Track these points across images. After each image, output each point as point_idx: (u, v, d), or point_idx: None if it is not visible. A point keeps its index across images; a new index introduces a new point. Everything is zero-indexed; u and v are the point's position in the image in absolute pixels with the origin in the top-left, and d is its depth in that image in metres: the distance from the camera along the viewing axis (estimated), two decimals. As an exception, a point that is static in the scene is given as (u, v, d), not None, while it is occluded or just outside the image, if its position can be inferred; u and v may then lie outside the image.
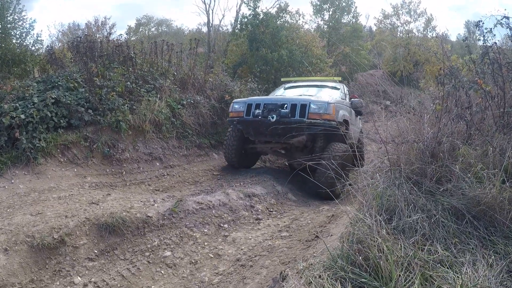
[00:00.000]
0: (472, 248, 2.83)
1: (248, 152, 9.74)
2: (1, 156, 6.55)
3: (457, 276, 2.46)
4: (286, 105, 8.15)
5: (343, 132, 7.71)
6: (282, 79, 12.88)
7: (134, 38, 36.56)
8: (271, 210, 6.32)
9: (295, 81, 12.31)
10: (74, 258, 4.37)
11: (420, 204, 3.14)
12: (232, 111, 8.99)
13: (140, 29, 46.10)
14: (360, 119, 12.55)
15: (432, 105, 4.25)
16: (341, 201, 5.55)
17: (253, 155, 10.13)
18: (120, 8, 76.18)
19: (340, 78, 11.86)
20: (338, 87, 10.78)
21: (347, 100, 10.11)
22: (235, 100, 9.58)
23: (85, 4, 65.80)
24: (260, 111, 8.30)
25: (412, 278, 2.44)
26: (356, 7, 40.38)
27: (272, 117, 7.94)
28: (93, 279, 4.18)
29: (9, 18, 12.98)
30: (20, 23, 13.28)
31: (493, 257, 2.74)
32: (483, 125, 3.86)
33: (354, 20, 40.36)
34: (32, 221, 4.65)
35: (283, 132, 7.83)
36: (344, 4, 39.70)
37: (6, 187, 6.04)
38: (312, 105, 7.87)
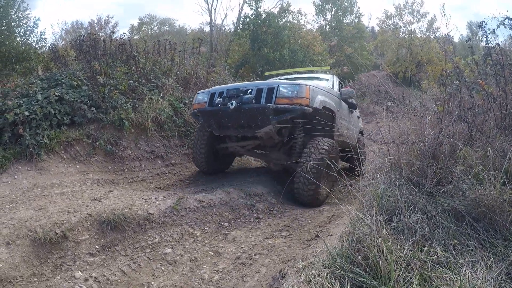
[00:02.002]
0: (472, 249, 2.84)
1: (220, 154, 8.70)
2: (5, 152, 6.58)
3: (456, 278, 2.48)
4: (250, 90, 6.96)
5: (324, 122, 6.96)
6: (265, 73, 11.97)
7: (136, 37, 36.71)
8: (271, 209, 6.33)
9: (280, 74, 11.45)
10: (75, 253, 4.38)
11: (420, 205, 3.15)
12: (196, 103, 7.89)
13: (143, 28, 46.33)
14: (359, 117, 11.68)
15: (433, 106, 4.25)
16: (341, 202, 5.55)
17: (225, 157, 9.06)
18: (122, 7, 76.46)
19: (328, 68, 11.38)
20: (327, 78, 9.86)
21: (336, 89, 9.06)
22: (200, 91, 8.39)
23: (88, 3, 66.04)
24: (221, 99, 7.12)
25: (411, 278, 2.45)
26: (358, 8, 40.36)
27: (232, 104, 6.75)
28: (94, 274, 4.19)
29: (13, 16, 13.10)
30: (24, 21, 13.44)
31: (492, 259, 2.75)
32: (484, 127, 3.86)
33: (356, 20, 40.33)
34: (35, 216, 4.67)
35: (247, 123, 6.92)
36: (346, 4, 39.61)
37: (9, 182, 6.08)
38: (281, 88, 6.73)
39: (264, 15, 23.57)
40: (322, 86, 7.93)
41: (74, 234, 4.53)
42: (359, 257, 2.61)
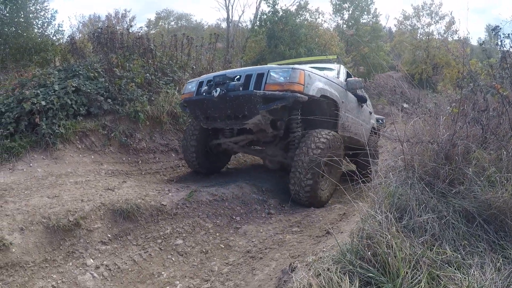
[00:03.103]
0: (481, 251, 2.84)
1: (213, 152, 8.00)
2: (21, 140, 6.69)
3: (464, 278, 2.48)
4: (239, 76, 6.20)
5: (325, 114, 6.63)
6: (268, 64, 10.02)
7: (153, 31, 36.85)
8: (283, 205, 6.33)
9: (285, 64, 9.76)
10: (87, 241, 4.46)
11: (432, 204, 3.15)
12: (184, 93, 7.22)
13: (160, 23, 46.44)
14: (371, 113, 10.73)
15: (448, 107, 4.25)
16: (353, 199, 5.54)
17: (219, 155, 8.24)
18: (140, 1, 76.71)
19: (335, 57, 9.83)
20: (333, 67, 8.68)
21: (342, 79, 8.01)
22: (190, 80, 7.81)
23: (106, -4, 66.45)
24: (207, 87, 6.43)
25: (419, 276, 2.46)
26: (376, 8, 40.10)
27: (216, 91, 6.03)
28: (105, 262, 4.26)
29: (31, 8, 13.20)
30: (42, 13, 13.57)
31: (501, 261, 2.74)
32: (499, 130, 3.85)
33: (373, 20, 40.05)
34: (49, 203, 4.75)
35: (233, 113, 6.19)
36: (363, 3, 39.34)
37: (25, 170, 6.17)
38: (271, 73, 5.90)
39: (281, 13, 23.56)
40: (323, 73, 6.91)
41: (87, 222, 4.61)
42: (369, 253, 2.63)
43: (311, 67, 7.82)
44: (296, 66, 6.19)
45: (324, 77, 6.79)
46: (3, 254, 3.86)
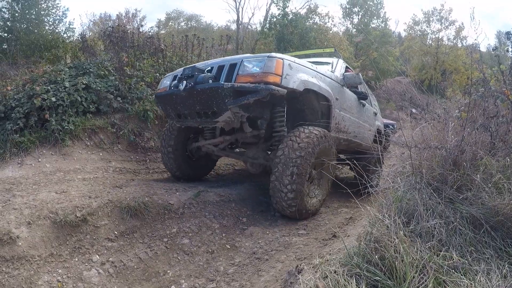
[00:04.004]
0: (488, 257, 2.82)
1: (194, 156, 7.32)
2: (30, 135, 6.75)
3: (471, 284, 2.48)
4: (210, 68, 5.60)
5: (314, 112, 6.11)
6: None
7: (163, 31, 36.99)
8: (290, 208, 6.25)
9: None
10: (94, 237, 4.50)
11: (439, 210, 3.15)
12: (159, 88, 6.56)
13: (170, 23, 46.56)
14: (376, 114, 9.84)
15: (457, 112, 4.24)
16: (360, 204, 5.50)
17: (202, 160, 7.48)
18: (150, 1, 77.03)
19: (332, 50, 8.80)
20: (328, 60, 7.93)
21: (338, 74, 7.16)
22: (168, 74, 6.99)
23: (117, -4, 66.80)
24: (176, 80, 5.84)
25: (425, 281, 2.46)
26: (385, 12, 39.94)
27: (182, 84, 5.43)
28: (111, 259, 4.30)
29: (42, 5, 13.26)
30: (53, 11, 13.62)
31: (507, 268, 2.73)
32: (507, 137, 3.84)
33: (383, 24, 39.91)
34: (57, 198, 4.80)
35: (202, 109, 5.52)
36: (373, 8, 39.23)
37: (33, 165, 6.22)
38: (245, 63, 5.25)
39: (291, 16, 23.61)
40: (311, 65, 6.08)
41: (94, 218, 4.66)
42: (376, 256, 2.63)
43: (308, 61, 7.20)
44: (274, 54, 5.33)
45: (312, 69, 6.00)
46: (10, 247, 3.90)
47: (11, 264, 3.80)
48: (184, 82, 5.43)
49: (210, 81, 5.30)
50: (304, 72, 5.67)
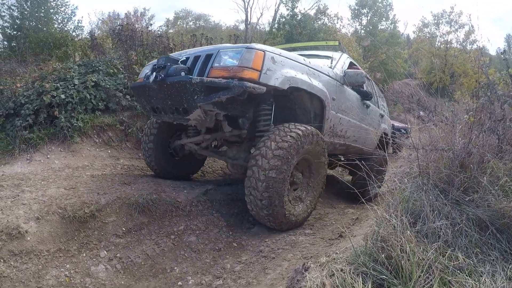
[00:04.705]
0: (493, 259, 2.84)
1: (178, 154, 6.83)
2: (39, 132, 6.82)
3: (476, 284, 2.50)
4: (187, 59, 5.05)
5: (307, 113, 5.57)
6: None
7: (172, 30, 37.10)
8: (297, 207, 6.26)
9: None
10: (102, 233, 4.54)
11: (445, 211, 3.17)
12: (139, 78, 6.02)
13: (178, 22, 46.65)
14: (383, 116, 8.97)
15: (466, 116, 4.25)
16: (364, 206, 5.48)
17: (186, 158, 6.93)
18: (159, 1, 77.26)
19: (336, 43, 7.93)
20: (329, 54, 7.13)
21: (338, 70, 6.38)
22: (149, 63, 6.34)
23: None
24: (149, 71, 5.24)
25: (431, 280, 2.48)
26: (394, 14, 39.85)
27: (152, 76, 4.97)
28: (118, 255, 4.34)
29: (52, 4, 13.31)
30: (62, 9, 13.69)
31: (512, 270, 2.76)
32: (514, 140, 3.85)
33: (391, 26, 39.79)
34: (65, 194, 4.84)
35: (174, 104, 5.02)
36: (382, 10, 39.14)
37: (42, 161, 6.29)
38: (221, 54, 4.69)
39: (300, 16, 23.64)
40: (303, 59, 5.42)
41: (102, 215, 4.70)
42: (382, 255, 2.65)
43: (303, 54, 6.58)
44: (255, 45, 4.67)
45: (303, 63, 5.33)
46: (19, 241, 3.95)
47: (20, 258, 3.83)
48: (155, 73, 4.95)
49: (183, 73, 4.75)
50: (291, 67, 5.03)
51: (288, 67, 4.93)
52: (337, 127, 6.17)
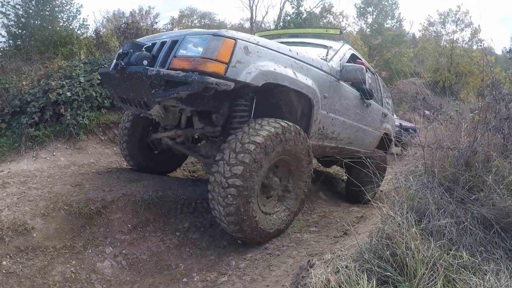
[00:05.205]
0: (497, 258, 2.85)
1: (157, 148, 6.43)
2: (45, 129, 6.86)
3: (480, 282, 2.51)
4: (153, 45, 4.45)
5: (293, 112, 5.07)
6: (256, 33, 7.83)
7: (177, 29, 37.17)
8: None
9: (276, 36, 8.12)
10: (107, 230, 4.57)
11: (450, 209, 3.17)
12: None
13: (183, 21, 46.71)
14: (385, 115, 8.02)
15: (470, 115, 4.25)
16: (368, 204, 5.47)
17: (166, 153, 6.49)
18: (163, -1, 77.46)
19: (338, 32, 6.89)
20: (330, 45, 6.22)
21: (334, 63, 5.61)
22: None
23: (130, -8, 67.14)
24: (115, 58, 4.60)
25: (435, 278, 2.49)
26: (400, 13, 39.74)
27: (113, 64, 4.48)
28: (124, 251, 4.37)
29: (57, 2, 13.37)
30: (67, 7, 13.73)
31: (516, 269, 2.77)
32: (520, 139, 3.86)
33: (397, 25, 39.66)
34: (71, 191, 4.87)
35: (136, 97, 4.45)
36: (388, 8, 39.01)
37: (48, 158, 6.33)
38: (186, 41, 4.10)
39: (305, 15, 23.60)
40: (288, 50, 4.71)
41: (108, 211, 4.72)
42: (387, 252, 2.66)
43: (295, 42, 6.40)
44: (224, 31, 4.02)
45: (287, 55, 4.64)
46: (25, 238, 3.99)
47: (26, 254, 3.88)
48: (115, 61, 4.42)
49: (145, 62, 4.18)
50: (271, 58, 4.36)
51: (266, 59, 4.28)
52: (328, 128, 5.54)
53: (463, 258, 2.73)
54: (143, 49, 4.38)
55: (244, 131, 4.16)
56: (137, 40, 4.84)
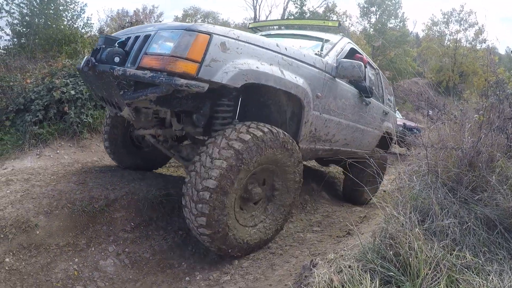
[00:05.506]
0: (501, 258, 2.85)
1: (142, 144, 6.09)
2: (49, 127, 6.88)
3: (483, 283, 2.51)
4: (128, 39, 3.99)
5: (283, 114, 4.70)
6: (250, 24, 7.33)
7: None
8: (304, 205, 6.30)
9: (271, 26, 8.09)
10: (110, 228, 4.57)
11: (454, 210, 3.17)
12: None
13: (187, 20, 46.81)
14: (387, 113, 7.66)
15: (474, 115, 4.24)
16: (374, 204, 5.46)
17: (152, 150, 6.06)
18: (167, -2, 77.66)
19: (336, 24, 6.42)
20: (327, 38, 5.75)
21: (331, 59, 5.16)
22: None
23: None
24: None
25: (438, 278, 2.49)
26: (403, 13, 39.66)
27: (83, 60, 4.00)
28: (126, 250, 4.37)
29: (61, 1, 13.41)
30: (71, 6, 13.75)
31: (520, 270, 2.76)
32: (524, 140, 3.85)
33: (400, 24, 39.61)
34: (75, 189, 4.87)
35: (108, 96, 4.17)
36: (391, 8, 38.96)
37: (52, 156, 6.35)
38: (157, 37, 3.65)
39: (308, 14, 23.60)
40: (275, 44, 4.23)
41: (111, 210, 4.72)
42: (390, 252, 2.66)
43: (298, 34, 6.06)
44: (198, 25, 3.55)
45: (274, 50, 4.17)
46: (28, 235, 4.00)
47: (29, 251, 3.89)
48: (86, 58, 4.00)
49: (117, 59, 3.76)
50: (254, 55, 3.90)
51: (248, 56, 3.82)
52: (321, 130, 5.12)
53: (466, 259, 2.73)
54: (116, 44, 3.99)
55: (221, 137, 3.78)
56: (112, 34, 4.55)
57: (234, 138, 3.70)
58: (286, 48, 4.34)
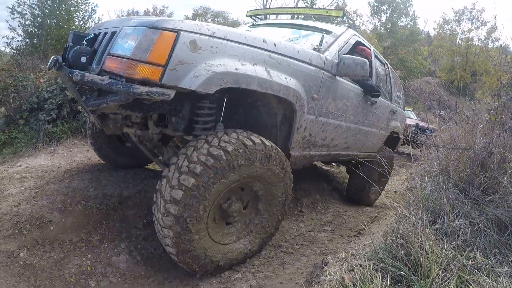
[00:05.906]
0: (511, 260, 2.85)
1: (128, 141, 5.49)
2: (63, 126, 6.95)
3: (493, 284, 2.51)
4: (97, 35, 3.58)
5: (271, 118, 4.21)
6: (248, 12, 6.66)
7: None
8: (315, 204, 6.29)
9: (269, 14, 7.48)
10: (123, 225, 4.61)
11: (465, 211, 3.17)
12: None
13: (197, 20, 46.95)
14: (394, 112, 7.11)
15: (486, 115, 4.22)
16: (381, 206, 5.46)
17: (138, 148, 5.10)
18: (177, -2, 77.90)
19: (340, 14, 5.85)
20: (329, 30, 5.15)
21: (331, 54, 4.56)
22: None
23: (144, -8, 67.49)
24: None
25: (449, 278, 2.50)
26: (414, 11, 39.39)
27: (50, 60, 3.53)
28: (139, 246, 4.41)
29: (72, 1, 13.53)
30: (82, 7, 13.90)
31: (530, 272, 2.76)
32: (536, 141, 3.83)
33: (411, 23, 39.31)
34: (88, 186, 4.92)
35: (78, 99, 3.74)
36: (402, 6, 38.68)
37: (65, 154, 6.40)
38: (121, 35, 3.20)
39: (318, 14, 23.54)
40: (256, 41, 3.58)
41: (124, 207, 4.77)
42: (401, 252, 2.67)
43: (296, 24, 5.50)
44: (163, 21, 3.03)
45: (259, 47, 3.59)
46: (42, 231, 4.05)
47: (43, 247, 3.93)
48: (53, 56, 3.53)
49: (83, 59, 3.35)
50: (233, 54, 3.34)
51: (225, 56, 3.26)
52: (318, 135, 4.60)
53: (476, 260, 2.73)
54: (84, 41, 3.54)
55: (196, 144, 3.41)
56: (92, 30, 3.98)
57: (204, 153, 3.26)
58: (275, 44, 3.78)
